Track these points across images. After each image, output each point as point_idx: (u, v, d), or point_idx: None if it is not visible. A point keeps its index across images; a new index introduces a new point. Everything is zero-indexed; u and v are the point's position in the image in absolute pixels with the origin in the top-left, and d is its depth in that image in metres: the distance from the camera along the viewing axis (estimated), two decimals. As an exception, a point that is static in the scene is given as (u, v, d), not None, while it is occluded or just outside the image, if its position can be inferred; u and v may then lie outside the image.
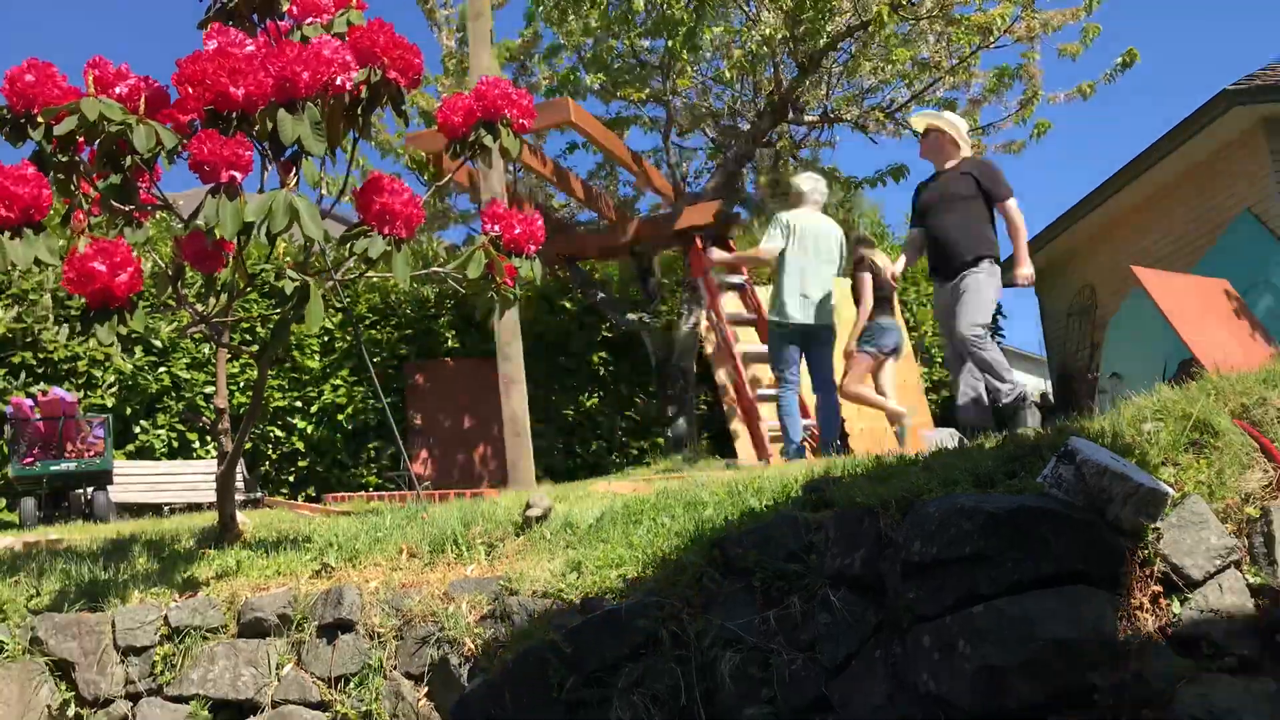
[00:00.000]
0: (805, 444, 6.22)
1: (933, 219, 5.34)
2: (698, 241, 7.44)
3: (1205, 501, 2.27)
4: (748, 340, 8.25)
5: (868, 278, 6.39)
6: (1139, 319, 8.00)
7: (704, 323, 8.19)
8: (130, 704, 3.07)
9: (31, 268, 2.80)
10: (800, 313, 6.01)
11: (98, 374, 7.54)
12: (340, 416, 8.17)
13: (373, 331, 8.59)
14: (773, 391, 6.88)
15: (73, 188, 3.06)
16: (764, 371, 7.95)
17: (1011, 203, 5.28)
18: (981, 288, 5.15)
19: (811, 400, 6.50)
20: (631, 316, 8.30)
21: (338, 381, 8.21)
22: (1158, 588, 2.20)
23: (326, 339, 8.35)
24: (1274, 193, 7.98)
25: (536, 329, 8.70)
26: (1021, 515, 2.23)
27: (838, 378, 6.33)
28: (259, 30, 3.51)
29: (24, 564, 3.77)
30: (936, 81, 7.85)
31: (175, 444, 7.77)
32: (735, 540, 2.70)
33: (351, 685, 2.96)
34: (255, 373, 6.71)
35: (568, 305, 9.13)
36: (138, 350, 7.69)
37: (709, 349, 8.50)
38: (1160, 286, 5.58)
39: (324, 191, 3.47)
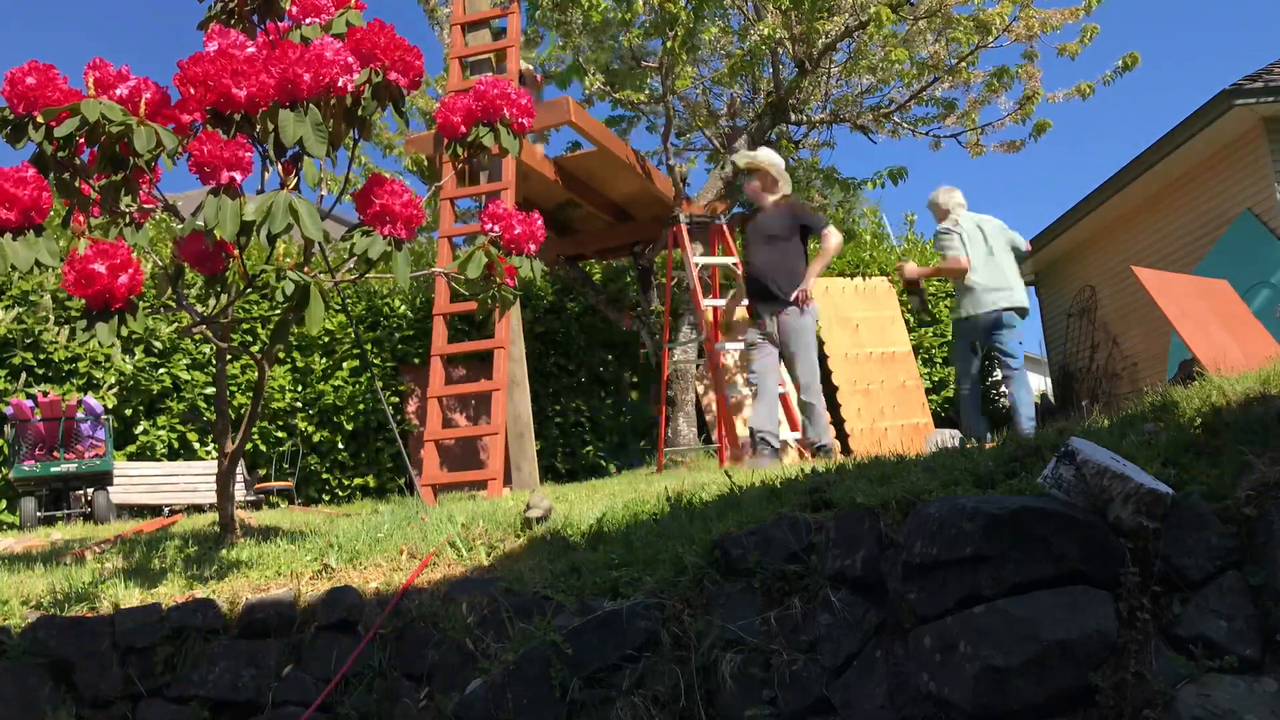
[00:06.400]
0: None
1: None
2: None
3: (1205, 502, 2.27)
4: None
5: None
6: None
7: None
8: (130, 705, 3.07)
9: (32, 269, 2.80)
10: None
11: (98, 375, 7.54)
12: (340, 417, 8.16)
13: (373, 333, 8.59)
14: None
15: (74, 189, 3.06)
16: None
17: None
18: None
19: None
20: (641, 315, 8.32)
21: (338, 382, 8.21)
22: (1158, 588, 2.19)
23: (327, 340, 8.35)
24: (1274, 193, 7.98)
25: (537, 329, 8.71)
26: (1022, 516, 2.23)
27: None
28: (259, 31, 3.52)
29: (24, 565, 3.77)
30: (935, 81, 7.86)
31: (176, 445, 7.77)
32: (736, 541, 2.70)
33: (352, 686, 2.96)
34: (256, 373, 6.71)
35: (568, 305, 9.13)
36: (138, 351, 7.69)
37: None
38: (1160, 287, 5.58)
39: (324, 191, 3.48)
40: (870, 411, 9.02)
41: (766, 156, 6.07)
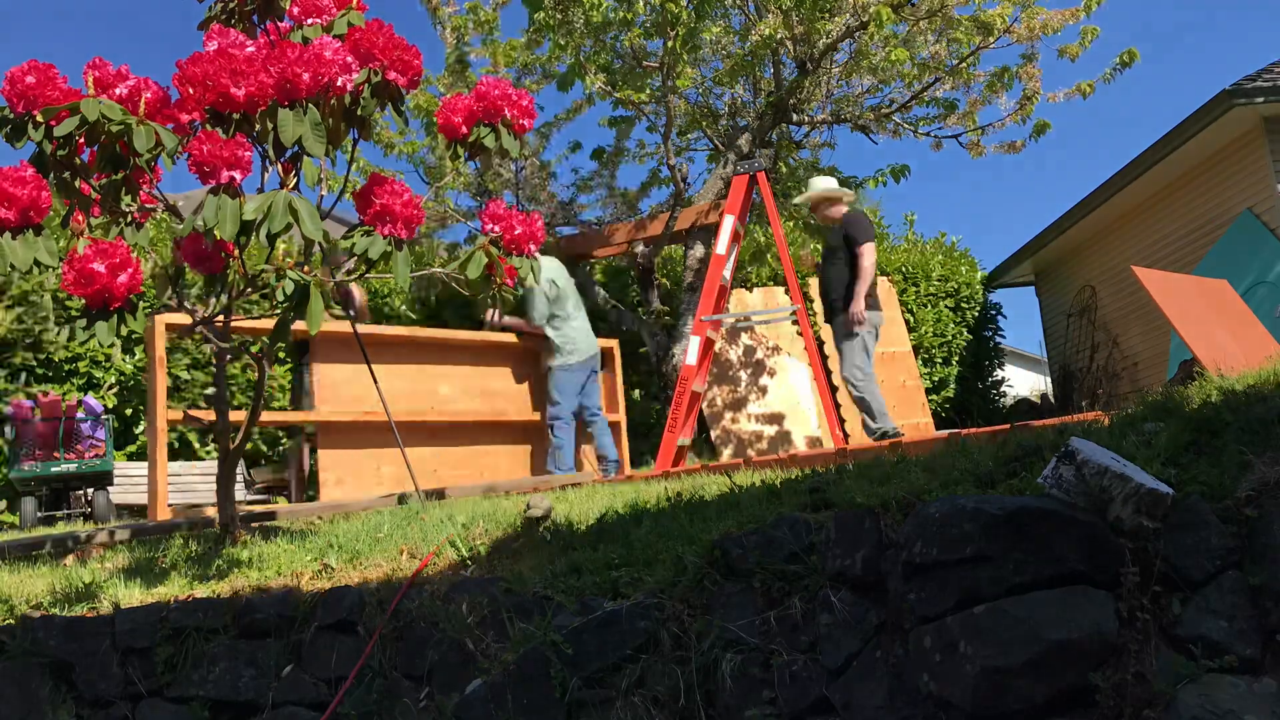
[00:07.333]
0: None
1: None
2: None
3: (1205, 502, 2.27)
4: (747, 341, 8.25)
5: None
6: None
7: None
8: (130, 705, 3.07)
9: (31, 269, 2.80)
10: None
11: (98, 375, 7.54)
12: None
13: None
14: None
15: (74, 188, 3.06)
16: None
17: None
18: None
19: None
20: (642, 315, 8.31)
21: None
22: (1158, 588, 2.19)
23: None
24: (1274, 193, 7.98)
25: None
26: (1022, 516, 2.23)
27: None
28: (259, 31, 3.52)
29: (25, 564, 3.77)
30: (936, 82, 7.85)
31: (176, 445, 7.77)
32: (736, 541, 2.70)
33: (352, 686, 2.96)
34: (255, 373, 6.70)
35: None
36: (138, 351, 7.68)
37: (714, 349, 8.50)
38: (1160, 287, 5.57)
39: (324, 191, 3.48)
40: (870, 412, 9.00)
41: (814, 188, 6.93)
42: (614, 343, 7.48)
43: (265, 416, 6.37)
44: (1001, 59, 12.89)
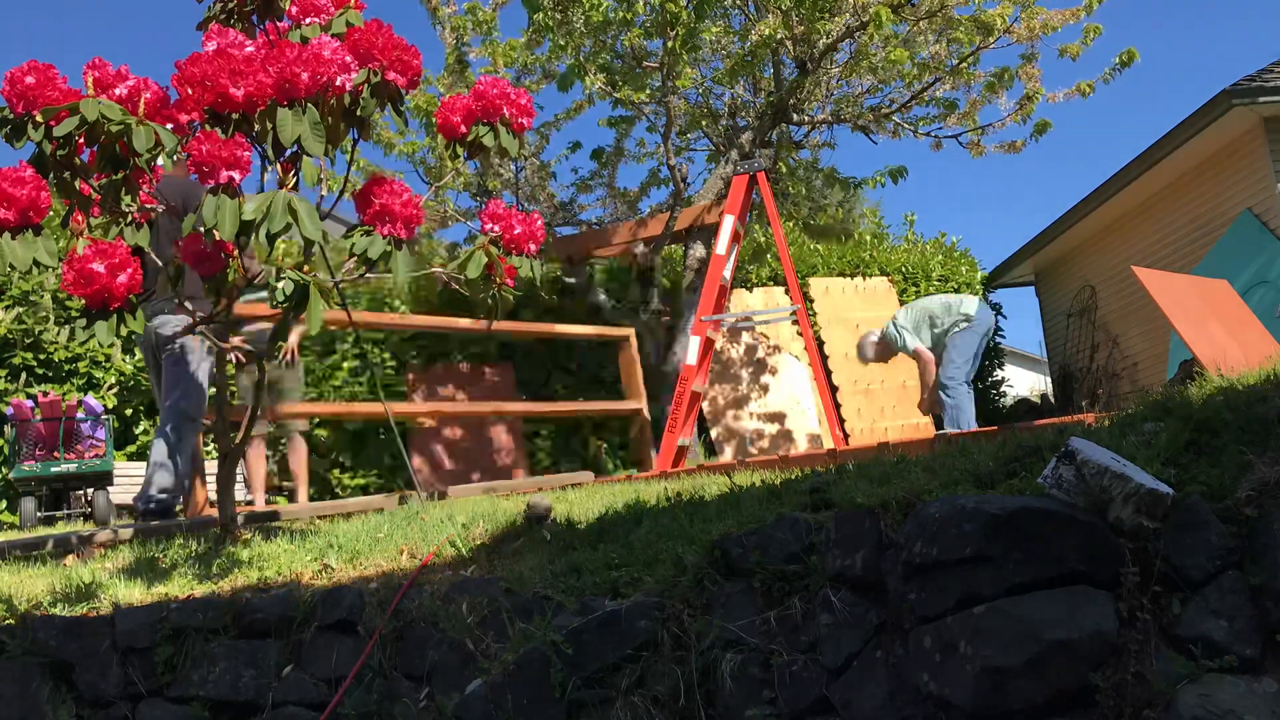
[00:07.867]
0: None
1: None
2: None
3: (1205, 502, 2.27)
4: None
5: None
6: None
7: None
8: (130, 705, 3.07)
9: (31, 269, 2.80)
10: None
11: (98, 375, 7.54)
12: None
13: (375, 333, 8.58)
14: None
15: (74, 188, 3.06)
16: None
17: None
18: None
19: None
20: (641, 316, 8.32)
21: (338, 382, 8.21)
22: (1158, 588, 2.19)
23: (329, 340, 8.34)
24: (1274, 193, 7.98)
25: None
26: (1022, 516, 2.23)
27: None
28: (258, 31, 3.52)
29: (24, 564, 3.77)
30: (936, 82, 7.85)
31: (175, 445, 7.76)
32: (736, 541, 2.70)
33: (352, 686, 2.96)
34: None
35: (568, 306, 9.13)
36: (138, 351, 7.68)
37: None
38: (1160, 287, 5.57)
39: (324, 191, 3.48)
40: (870, 411, 9.02)
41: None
42: (629, 331, 7.53)
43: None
44: (1002, 59, 12.92)
